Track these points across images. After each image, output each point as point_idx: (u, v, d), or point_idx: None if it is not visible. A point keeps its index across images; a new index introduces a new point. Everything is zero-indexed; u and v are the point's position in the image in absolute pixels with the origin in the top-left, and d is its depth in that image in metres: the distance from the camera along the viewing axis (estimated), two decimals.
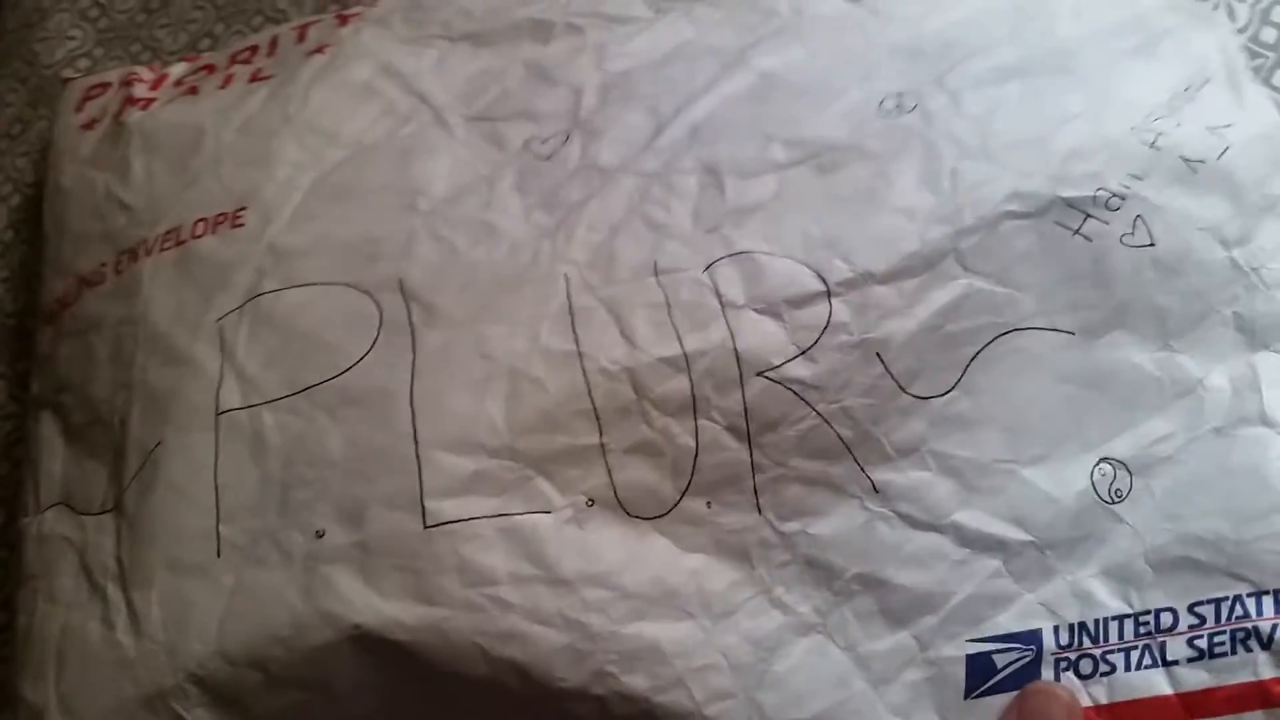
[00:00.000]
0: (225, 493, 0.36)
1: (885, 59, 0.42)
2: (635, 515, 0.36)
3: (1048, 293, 0.38)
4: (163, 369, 0.38)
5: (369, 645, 0.34)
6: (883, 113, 0.40)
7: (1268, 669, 0.35)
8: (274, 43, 0.48)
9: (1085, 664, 0.36)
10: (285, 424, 0.36)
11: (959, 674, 0.36)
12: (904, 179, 0.38)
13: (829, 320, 0.36)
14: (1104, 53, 0.41)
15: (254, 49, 0.48)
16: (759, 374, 0.36)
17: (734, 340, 0.36)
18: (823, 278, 0.37)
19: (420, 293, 0.38)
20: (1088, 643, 0.36)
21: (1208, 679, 0.35)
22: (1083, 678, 0.36)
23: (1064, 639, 0.36)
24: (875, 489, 0.36)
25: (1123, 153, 0.38)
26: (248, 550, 0.35)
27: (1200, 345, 0.38)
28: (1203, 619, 0.36)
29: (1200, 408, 0.37)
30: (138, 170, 0.44)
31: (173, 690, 0.34)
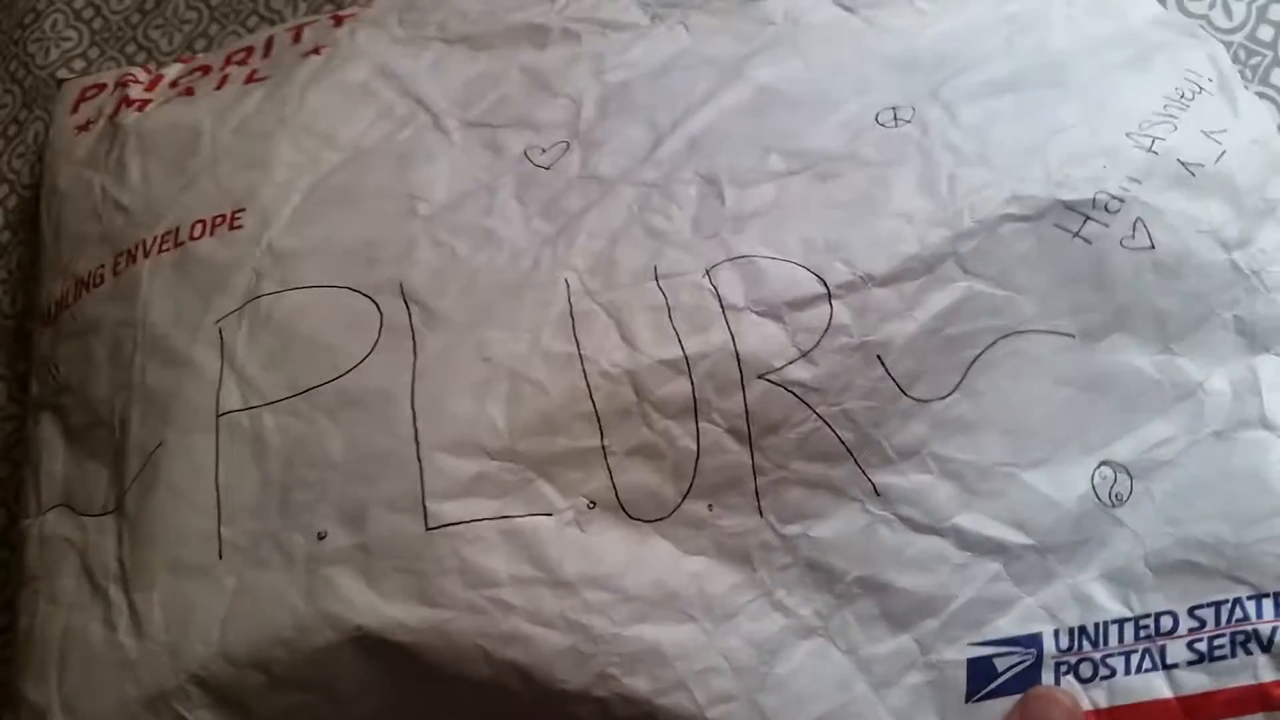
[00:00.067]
0: (226, 494, 0.36)
1: (880, 71, 0.42)
2: (636, 518, 0.36)
3: (1048, 295, 0.38)
4: (162, 371, 0.38)
5: (371, 647, 0.34)
6: (879, 124, 0.41)
7: (1268, 672, 0.35)
8: (269, 44, 0.48)
9: (1085, 667, 0.36)
10: (286, 426, 0.36)
11: (960, 677, 0.36)
12: (902, 185, 0.39)
13: (830, 323, 0.36)
14: (1096, 66, 0.41)
15: (249, 50, 0.48)
16: (760, 376, 0.36)
17: (735, 343, 0.36)
18: (823, 280, 0.37)
19: (421, 296, 0.38)
20: (1088, 646, 0.36)
21: (1208, 682, 0.35)
22: (1083, 681, 0.36)
23: (1064, 642, 0.36)
24: (876, 492, 0.36)
25: (1121, 157, 0.38)
26: (249, 552, 0.35)
27: (1201, 348, 0.38)
28: (1203, 622, 0.36)
29: (1201, 411, 0.37)
30: (134, 172, 0.44)
31: (175, 691, 0.34)
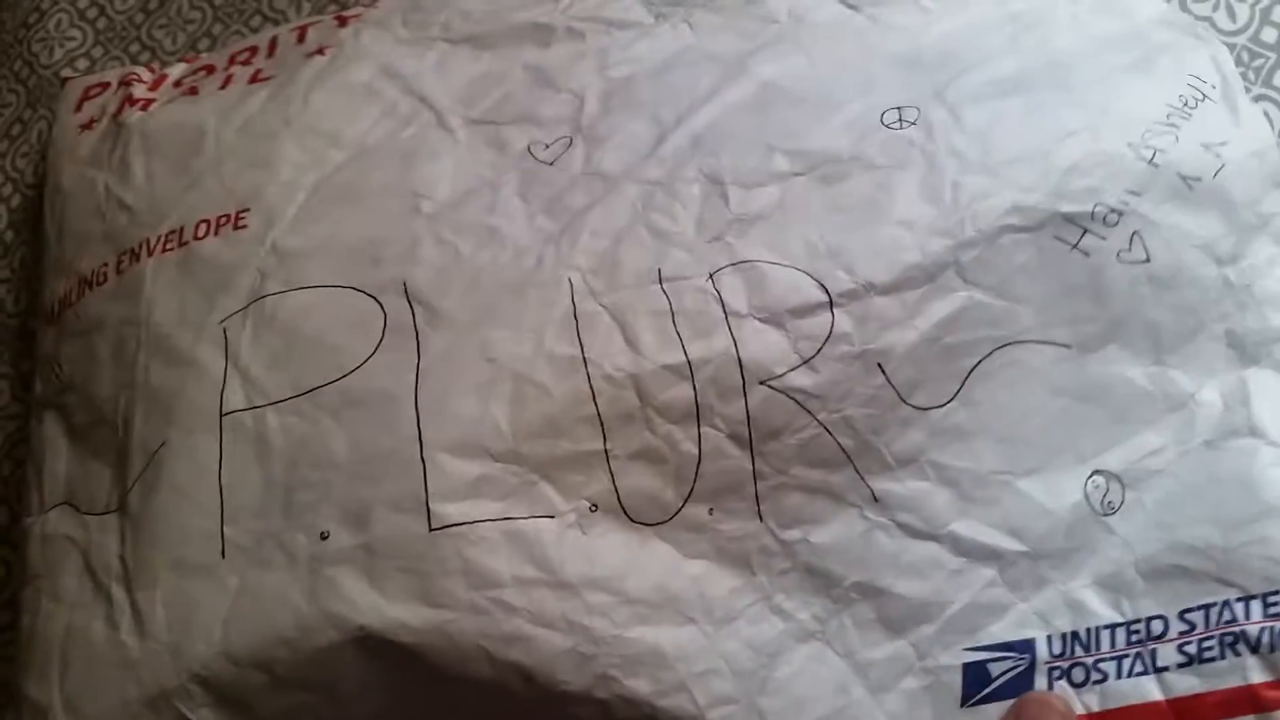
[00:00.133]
0: (229, 494, 0.36)
1: (885, 69, 0.42)
2: (638, 521, 0.36)
3: (1045, 306, 0.38)
4: (166, 370, 0.38)
5: (374, 647, 0.34)
6: (884, 125, 0.41)
7: (1257, 673, 0.35)
8: (273, 44, 0.48)
9: (1078, 672, 0.36)
10: (289, 426, 0.36)
11: (955, 682, 0.36)
12: (905, 191, 0.39)
13: (831, 330, 0.37)
14: (1101, 68, 0.42)
15: (253, 50, 0.48)
16: (762, 383, 0.36)
17: (737, 349, 0.36)
18: (825, 288, 0.37)
19: (425, 296, 0.38)
20: (1080, 651, 0.36)
21: (1198, 684, 0.36)
22: (1075, 685, 0.36)
23: (1057, 647, 0.36)
24: (875, 498, 0.37)
25: (1121, 168, 0.39)
26: (252, 552, 0.35)
27: (1193, 360, 0.38)
28: (1192, 625, 0.36)
29: (1192, 421, 0.38)
30: (138, 171, 0.43)
31: (177, 691, 0.34)
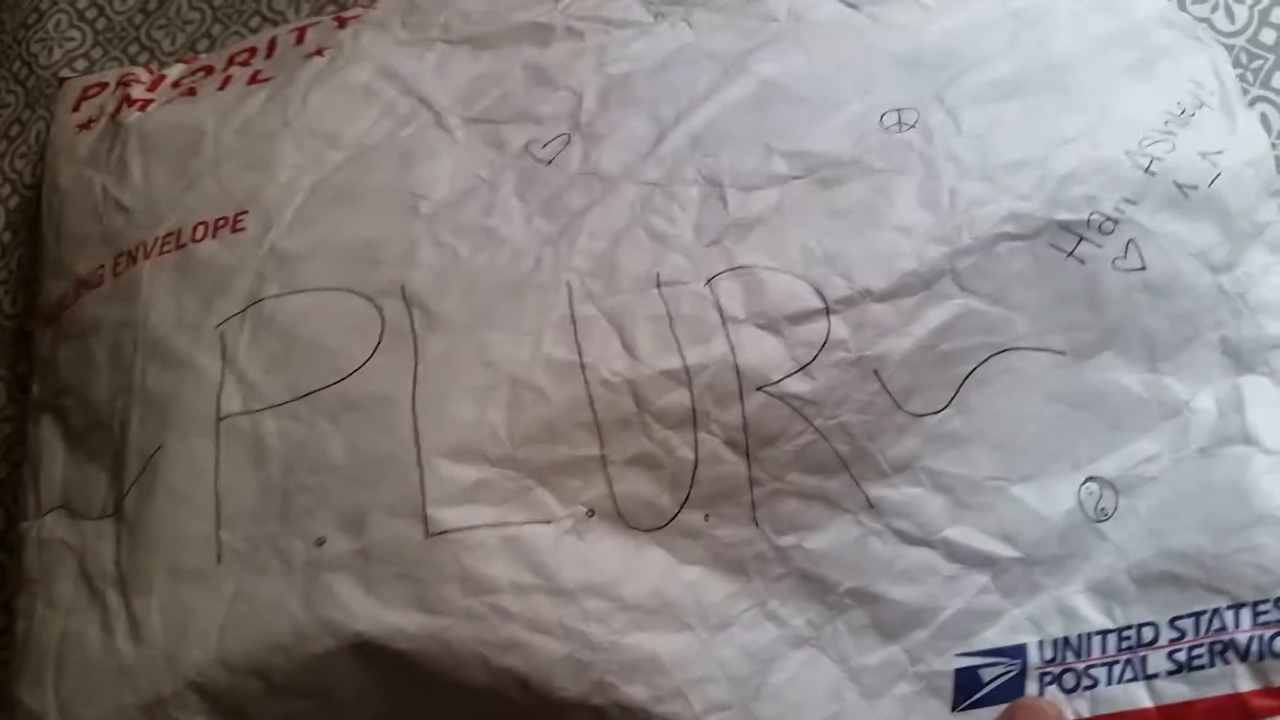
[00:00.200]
0: (226, 499, 0.36)
1: (885, 69, 0.42)
2: (634, 527, 0.36)
3: (1041, 314, 0.38)
4: (163, 373, 0.38)
5: (370, 654, 0.34)
6: (883, 128, 0.41)
7: (1245, 681, 0.35)
8: (272, 45, 0.48)
9: (1068, 678, 0.36)
10: (286, 430, 0.36)
11: (947, 687, 0.36)
12: (903, 197, 0.39)
13: (828, 337, 0.37)
14: (1101, 71, 0.42)
15: (252, 51, 0.48)
16: (758, 389, 0.36)
17: (735, 355, 0.36)
18: (822, 295, 0.37)
19: (422, 299, 0.38)
20: (1071, 657, 0.37)
21: (1187, 691, 0.36)
22: (1066, 691, 0.36)
23: (1048, 653, 0.37)
24: (870, 504, 0.37)
25: (1118, 176, 0.39)
26: (248, 557, 0.35)
27: (1187, 368, 0.38)
28: (1183, 632, 0.36)
29: (1186, 429, 0.38)
30: (135, 172, 0.43)
31: (172, 698, 0.34)
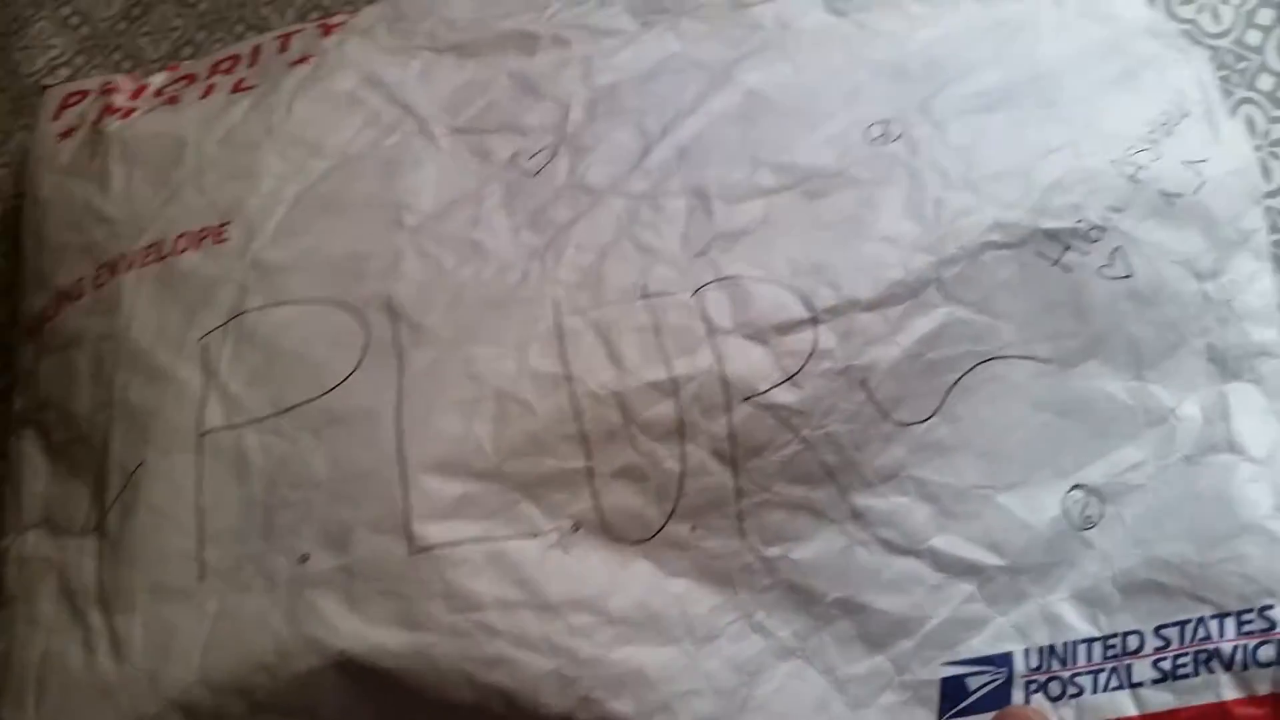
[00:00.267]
0: (208, 515, 0.35)
1: (870, 79, 0.42)
2: (620, 539, 0.36)
3: (1026, 322, 0.38)
4: (144, 388, 0.38)
5: (355, 672, 0.33)
6: (869, 140, 0.41)
7: (1230, 690, 0.36)
8: (256, 52, 0.48)
9: (1054, 686, 0.36)
10: (269, 445, 0.36)
11: (933, 696, 0.36)
12: (889, 207, 0.39)
13: (815, 347, 0.37)
14: (1086, 82, 0.41)
15: (235, 58, 0.48)
16: (745, 399, 0.36)
17: (721, 366, 0.36)
18: (809, 304, 0.37)
19: (407, 311, 0.38)
20: (1056, 665, 0.37)
21: (1172, 700, 0.36)
22: (1052, 699, 0.36)
23: (1034, 661, 0.37)
24: (856, 514, 0.37)
25: (1103, 185, 0.39)
26: (231, 574, 0.35)
27: (1173, 375, 0.38)
28: (1167, 641, 0.36)
29: (1172, 436, 0.38)
30: (117, 181, 0.43)
31: (155, 718, 0.33)
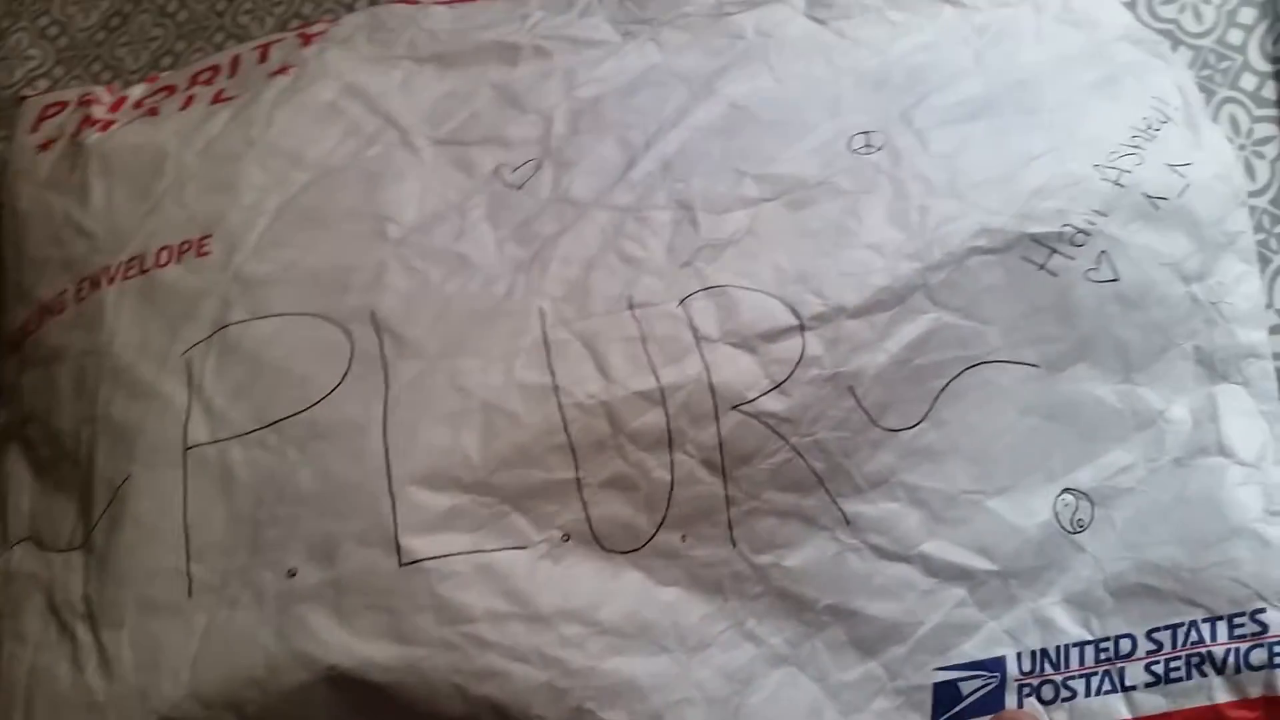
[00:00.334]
0: (195, 531, 0.35)
1: (852, 89, 0.42)
2: (610, 549, 0.36)
3: (1013, 326, 0.38)
4: (128, 403, 0.37)
5: (345, 686, 0.33)
6: (851, 151, 0.41)
7: (1222, 693, 0.36)
8: (235, 62, 0.47)
9: (1047, 690, 0.36)
10: (254, 459, 0.36)
11: (926, 702, 0.36)
12: (873, 216, 0.39)
13: (802, 354, 0.37)
14: (1067, 89, 0.42)
15: (215, 69, 0.47)
16: (734, 408, 0.36)
17: (709, 374, 0.36)
18: (796, 312, 0.37)
19: (393, 324, 0.38)
20: (1049, 669, 0.37)
21: (1164, 703, 0.36)
22: (1045, 703, 0.36)
23: (1026, 665, 0.37)
24: (846, 520, 0.37)
25: (1087, 189, 0.39)
26: (219, 590, 0.34)
27: (1161, 378, 0.39)
28: (1160, 645, 0.36)
29: (1161, 439, 0.38)
30: (97, 194, 0.43)
31: None
